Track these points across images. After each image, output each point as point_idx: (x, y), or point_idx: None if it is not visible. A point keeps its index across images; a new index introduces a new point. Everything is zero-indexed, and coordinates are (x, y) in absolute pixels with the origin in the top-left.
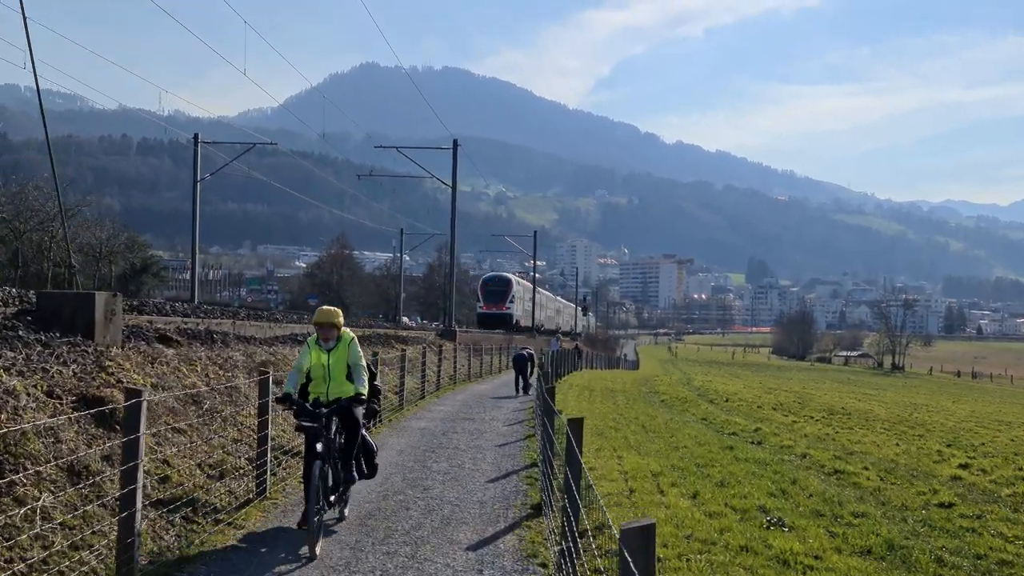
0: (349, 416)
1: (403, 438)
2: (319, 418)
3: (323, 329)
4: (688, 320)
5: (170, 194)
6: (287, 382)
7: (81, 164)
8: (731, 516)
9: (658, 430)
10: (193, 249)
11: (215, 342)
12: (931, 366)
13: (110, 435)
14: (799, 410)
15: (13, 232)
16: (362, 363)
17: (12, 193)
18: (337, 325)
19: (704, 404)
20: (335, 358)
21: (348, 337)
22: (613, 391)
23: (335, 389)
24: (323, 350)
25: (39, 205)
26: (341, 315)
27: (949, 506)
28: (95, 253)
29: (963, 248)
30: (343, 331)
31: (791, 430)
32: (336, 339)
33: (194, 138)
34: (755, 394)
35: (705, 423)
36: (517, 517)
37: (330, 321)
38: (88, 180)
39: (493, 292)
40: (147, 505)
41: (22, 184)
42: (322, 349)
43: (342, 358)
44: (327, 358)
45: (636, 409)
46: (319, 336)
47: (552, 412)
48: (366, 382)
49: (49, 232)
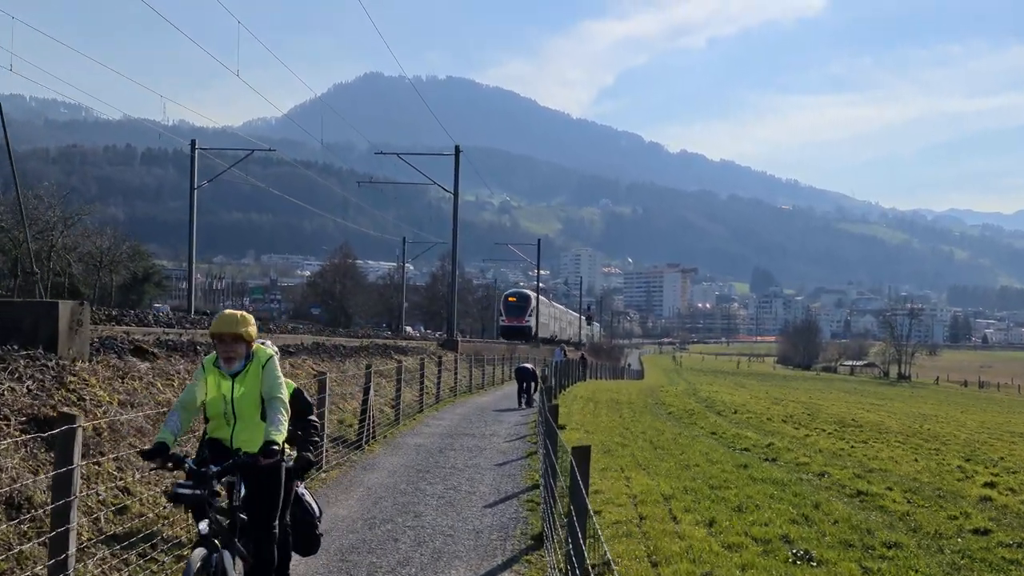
0: (258, 477)
1: (397, 456)
2: (205, 482)
3: (224, 344)
4: (692, 329)
5: (174, 204)
6: (163, 425)
7: (85, 174)
8: (752, 548)
9: (667, 446)
10: (190, 257)
11: (199, 354)
12: (937, 375)
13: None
14: (809, 422)
15: (12, 241)
16: (281, 394)
17: (11, 202)
18: (246, 338)
19: (712, 416)
20: (243, 387)
21: (264, 355)
22: (618, 403)
23: (244, 434)
24: (224, 375)
25: (39, 214)
26: (252, 323)
27: (985, 532)
28: (96, 262)
29: (968, 257)
30: (257, 347)
31: (804, 444)
32: (245, 358)
33: (191, 144)
34: (763, 405)
35: (715, 437)
36: (516, 550)
37: (233, 331)
38: (92, 190)
39: (514, 306)
40: (99, 541)
41: (22, 193)
42: (223, 374)
43: (253, 388)
44: (231, 387)
45: (643, 423)
46: (219, 354)
47: (555, 435)
48: (285, 423)
49: (49, 241)
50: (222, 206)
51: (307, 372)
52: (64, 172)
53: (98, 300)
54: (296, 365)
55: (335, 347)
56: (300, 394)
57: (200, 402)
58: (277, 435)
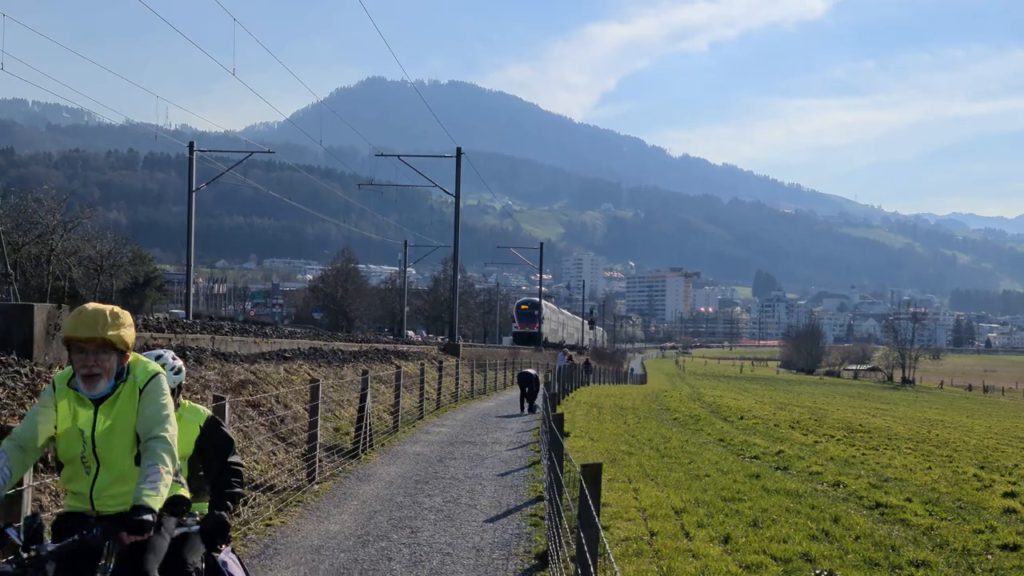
0: (131, 558)
1: (395, 466)
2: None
3: (84, 354)
4: (695, 333)
5: (176, 208)
6: None
7: (88, 178)
8: (772, 568)
9: (675, 454)
10: (189, 260)
11: (187, 360)
12: (941, 380)
13: (36, 478)
14: (817, 428)
15: (11, 245)
16: (166, 432)
17: (11, 205)
18: (117, 345)
19: (718, 422)
20: (110, 419)
21: (144, 373)
22: (623, 408)
23: (112, 488)
24: (84, 400)
25: (39, 218)
26: (128, 323)
27: (1015, 548)
28: (96, 266)
29: (970, 261)
30: (134, 359)
31: (814, 452)
32: (117, 375)
33: (189, 147)
34: (769, 411)
35: (723, 445)
36: (519, 570)
37: (97, 336)
38: (95, 194)
39: (526, 314)
40: None
41: (22, 196)
42: (82, 398)
43: (125, 420)
44: (92, 418)
45: (649, 429)
46: (75, 369)
47: (560, 447)
48: (166, 477)
49: (48, 245)
50: (224, 210)
51: (303, 378)
52: (66, 176)
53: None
54: (291, 371)
55: (333, 352)
56: (214, 426)
57: (46, 438)
58: (151, 497)
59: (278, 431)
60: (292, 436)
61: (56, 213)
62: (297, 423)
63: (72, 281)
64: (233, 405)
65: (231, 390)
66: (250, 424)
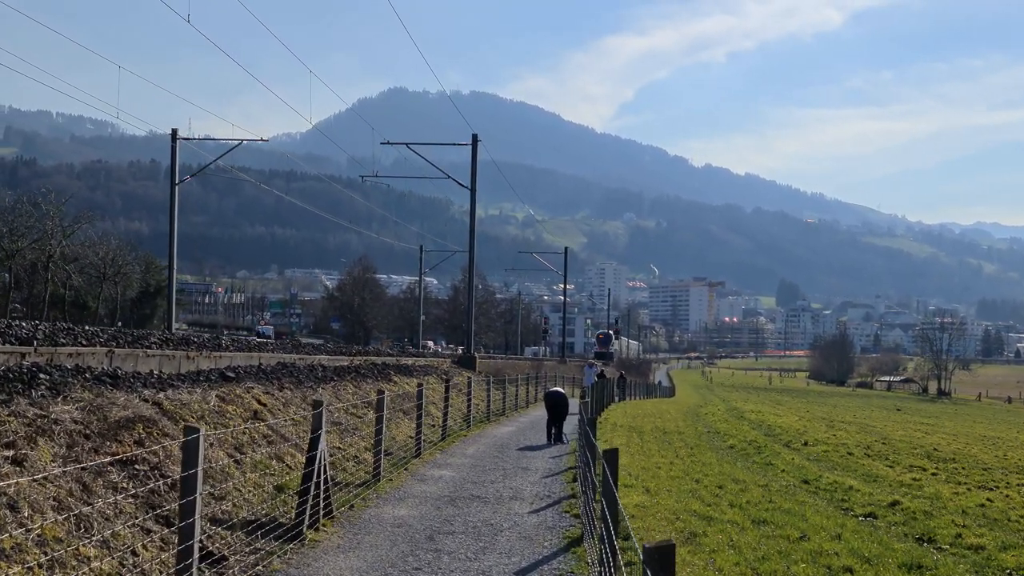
0: None
1: (356, 554)
2: None
3: None
4: (720, 344)
5: (197, 219)
6: None
7: (110, 189)
8: None
9: (768, 515)
10: (171, 259)
11: (34, 387)
12: (979, 392)
13: None
14: (894, 456)
15: (6, 252)
16: None
17: (3, 209)
18: None
19: (782, 450)
20: None
21: None
22: (666, 432)
23: None
24: None
25: (34, 222)
26: None
27: None
28: (99, 273)
29: (996, 270)
30: None
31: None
32: None
33: (172, 134)
34: (820, 430)
35: (811, 490)
36: None
37: None
38: (117, 204)
39: (605, 339)
40: None
41: (17, 199)
42: None
43: None
44: None
45: (709, 466)
46: None
47: (616, 521)
48: None
49: (46, 251)
50: (246, 221)
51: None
52: (89, 187)
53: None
54: (231, 398)
55: (309, 369)
56: None
57: None
58: None
59: (159, 504)
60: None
61: (55, 218)
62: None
63: (75, 289)
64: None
65: (96, 435)
66: (103, 499)
